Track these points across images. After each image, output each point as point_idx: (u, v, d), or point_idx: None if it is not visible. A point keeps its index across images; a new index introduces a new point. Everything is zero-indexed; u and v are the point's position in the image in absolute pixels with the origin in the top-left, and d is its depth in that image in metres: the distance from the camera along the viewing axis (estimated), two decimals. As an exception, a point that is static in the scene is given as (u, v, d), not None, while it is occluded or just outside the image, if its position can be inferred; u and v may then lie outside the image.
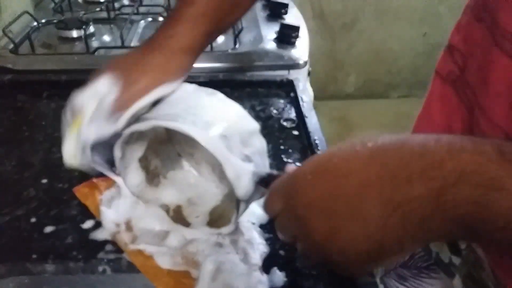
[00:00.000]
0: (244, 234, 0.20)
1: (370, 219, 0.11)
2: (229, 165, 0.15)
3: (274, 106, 0.31)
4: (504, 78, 0.15)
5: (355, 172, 0.11)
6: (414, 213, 0.10)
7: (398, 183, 0.11)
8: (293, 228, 0.13)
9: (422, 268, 0.23)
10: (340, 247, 0.11)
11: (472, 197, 0.10)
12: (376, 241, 0.11)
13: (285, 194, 0.13)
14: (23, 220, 0.22)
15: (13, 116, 0.30)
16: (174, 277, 0.19)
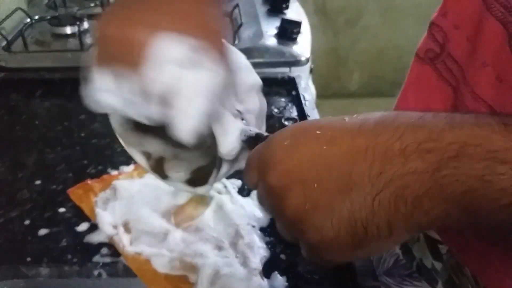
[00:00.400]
0: (244, 237, 0.20)
1: (356, 195, 0.09)
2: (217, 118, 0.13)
3: (275, 105, 0.31)
4: (492, 45, 0.14)
5: (341, 141, 0.10)
6: (408, 190, 0.09)
7: (390, 156, 0.09)
8: (268, 203, 0.11)
9: (404, 276, 0.23)
10: (317, 226, 0.10)
11: (474, 171, 0.09)
12: (361, 221, 0.09)
13: (260, 162, 0.11)
14: (16, 222, 0.21)
15: (6, 115, 0.30)
16: (172, 281, 0.18)
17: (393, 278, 0.24)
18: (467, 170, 0.09)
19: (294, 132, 0.11)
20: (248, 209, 0.22)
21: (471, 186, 0.09)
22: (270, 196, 0.11)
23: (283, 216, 0.11)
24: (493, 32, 0.14)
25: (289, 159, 0.10)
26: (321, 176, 0.10)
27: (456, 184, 0.09)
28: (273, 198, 0.11)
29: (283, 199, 0.10)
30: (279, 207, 0.11)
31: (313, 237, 0.10)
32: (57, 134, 0.27)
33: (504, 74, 0.14)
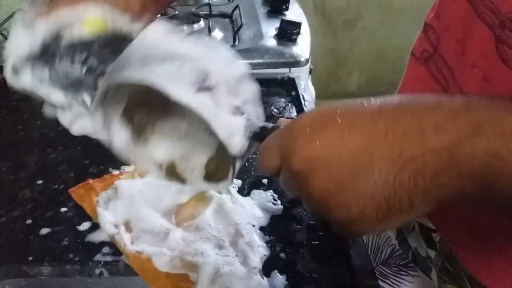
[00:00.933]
0: (244, 236, 0.20)
1: (379, 174, 0.10)
2: (218, 123, 0.13)
3: (274, 105, 0.31)
4: (480, 47, 0.15)
5: (361, 125, 0.10)
6: (427, 167, 0.10)
7: (410, 137, 0.10)
8: (293, 186, 0.12)
9: (401, 266, 0.23)
10: (344, 206, 0.11)
11: (491, 148, 0.09)
12: (384, 198, 0.10)
13: (281, 149, 0.12)
14: (18, 221, 0.21)
15: (7, 115, 0.30)
16: (172, 280, 0.18)
17: (389, 268, 0.24)
18: (483, 148, 0.09)
19: (315, 120, 0.11)
20: (248, 209, 0.22)
21: (486, 162, 0.09)
22: (295, 180, 0.11)
23: (310, 198, 0.11)
24: (481, 35, 0.15)
25: (312, 145, 0.11)
26: (344, 159, 0.10)
27: (472, 160, 0.09)
28: (299, 182, 0.11)
29: (309, 183, 0.11)
30: (305, 190, 0.11)
31: (340, 215, 0.11)
32: (58, 134, 0.28)
33: (490, 75, 0.14)
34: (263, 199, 0.23)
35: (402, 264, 0.23)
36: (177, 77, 0.13)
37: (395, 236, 0.24)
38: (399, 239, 0.24)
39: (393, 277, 0.24)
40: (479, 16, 0.15)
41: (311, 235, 0.21)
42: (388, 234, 0.24)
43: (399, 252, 0.24)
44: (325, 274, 0.19)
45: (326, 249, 0.20)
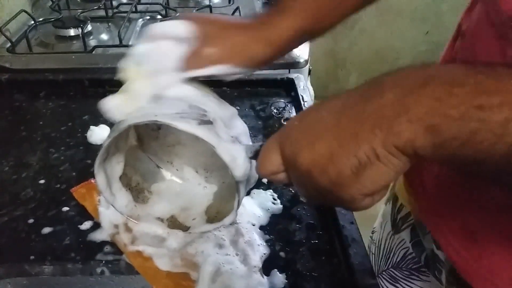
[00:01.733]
0: (244, 235, 0.20)
1: (344, 134, 0.11)
2: (222, 149, 0.15)
3: (274, 106, 0.31)
4: (488, 47, 0.15)
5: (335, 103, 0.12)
6: (382, 119, 0.11)
7: (368, 97, 0.11)
8: (292, 176, 0.13)
9: (413, 270, 0.23)
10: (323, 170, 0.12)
11: (433, 95, 0.10)
12: (354, 157, 0.11)
13: (279, 143, 0.13)
14: (20, 221, 0.21)
15: (10, 115, 0.30)
16: (173, 279, 0.19)
17: (401, 271, 0.24)
18: (430, 92, 0.10)
19: (301, 114, 0.13)
20: (248, 208, 0.22)
21: (432, 103, 0.10)
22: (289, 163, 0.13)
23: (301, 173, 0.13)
24: (488, 34, 0.15)
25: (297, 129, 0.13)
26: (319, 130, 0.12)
27: (419, 105, 0.10)
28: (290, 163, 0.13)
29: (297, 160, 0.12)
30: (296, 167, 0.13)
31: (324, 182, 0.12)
32: (60, 134, 0.28)
33: None
34: (263, 198, 0.23)
35: (414, 268, 0.23)
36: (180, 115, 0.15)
37: (409, 238, 0.23)
38: (413, 242, 0.23)
39: (403, 281, 0.24)
40: (487, 16, 0.15)
41: (311, 234, 0.21)
42: (402, 237, 0.24)
43: (412, 255, 0.23)
44: (324, 273, 0.19)
45: (325, 248, 0.20)
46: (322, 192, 0.12)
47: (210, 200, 0.20)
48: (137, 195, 0.20)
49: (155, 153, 0.21)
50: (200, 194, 0.20)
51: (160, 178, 0.21)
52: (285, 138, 0.13)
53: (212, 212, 0.19)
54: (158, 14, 0.44)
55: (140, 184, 0.20)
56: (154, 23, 0.17)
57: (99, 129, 0.27)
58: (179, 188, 0.20)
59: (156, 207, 0.20)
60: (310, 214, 0.22)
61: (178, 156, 0.20)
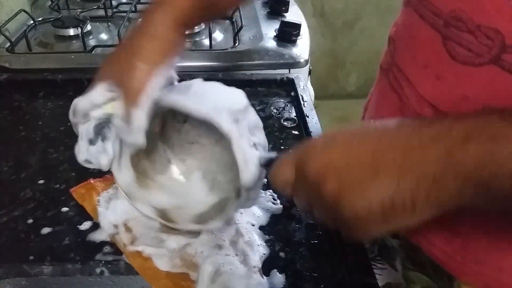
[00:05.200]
0: (243, 235, 0.20)
1: (384, 177, 0.12)
2: (238, 147, 0.15)
3: (274, 106, 0.31)
4: (429, 49, 0.16)
5: (368, 141, 0.12)
6: (427, 173, 0.11)
7: (410, 150, 0.12)
8: (306, 193, 0.14)
9: (369, 259, 0.24)
10: (352, 205, 0.12)
11: (479, 151, 0.11)
12: (388, 197, 0.12)
13: (297, 161, 0.14)
14: (20, 221, 0.21)
15: (9, 115, 0.30)
16: (173, 279, 0.19)
17: None
18: (473, 152, 0.11)
19: (325, 140, 0.14)
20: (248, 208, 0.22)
21: (477, 164, 0.11)
22: (308, 187, 0.13)
23: (322, 200, 0.13)
24: (428, 37, 0.16)
25: (324, 157, 0.13)
26: (353, 165, 0.12)
27: (465, 164, 0.11)
28: (312, 187, 0.13)
29: (321, 186, 0.13)
30: (318, 193, 0.13)
31: (348, 214, 0.12)
32: (60, 134, 0.28)
33: (441, 72, 0.16)
34: (263, 198, 0.23)
35: (370, 257, 0.24)
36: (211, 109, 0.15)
37: None
38: None
39: None
40: (424, 20, 0.16)
41: (310, 234, 0.21)
42: None
43: (367, 246, 0.24)
44: (324, 273, 0.19)
45: (325, 248, 0.20)
46: (337, 218, 0.13)
47: (207, 208, 0.20)
48: (140, 179, 0.20)
49: (172, 147, 0.20)
50: (199, 200, 0.20)
51: (168, 171, 0.20)
52: (304, 156, 0.13)
53: (204, 219, 0.19)
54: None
55: (147, 170, 0.20)
56: (77, 100, 0.17)
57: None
58: (182, 188, 0.20)
59: (153, 197, 0.20)
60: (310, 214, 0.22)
61: (193, 156, 0.20)
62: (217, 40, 0.40)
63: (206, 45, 0.39)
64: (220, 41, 0.40)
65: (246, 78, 0.33)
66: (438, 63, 0.15)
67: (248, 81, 0.33)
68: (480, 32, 0.13)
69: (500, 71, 0.13)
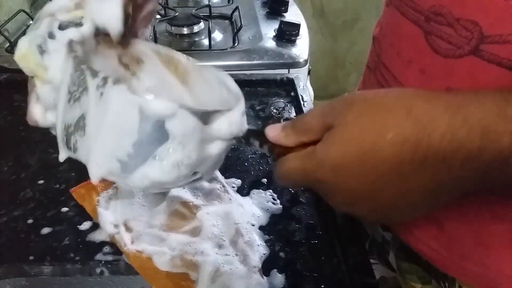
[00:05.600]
0: (243, 236, 0.20)
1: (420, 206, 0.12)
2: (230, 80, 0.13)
3: (274, 106, 0.31)
4: (412, 44, 0.16)
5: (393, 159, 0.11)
6: (459, 192, 0.11)
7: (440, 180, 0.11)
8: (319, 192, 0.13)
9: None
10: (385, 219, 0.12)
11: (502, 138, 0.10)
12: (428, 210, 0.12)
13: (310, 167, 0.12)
14: (20, 221, 0.21)
15: (9, 115, 0.30)
16: (173, 279, 0.19)
17: None
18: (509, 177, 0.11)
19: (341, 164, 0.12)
20: (247, 208, 0.22)
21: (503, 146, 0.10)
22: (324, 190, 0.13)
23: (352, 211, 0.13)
24: (411, 33, 0.16)
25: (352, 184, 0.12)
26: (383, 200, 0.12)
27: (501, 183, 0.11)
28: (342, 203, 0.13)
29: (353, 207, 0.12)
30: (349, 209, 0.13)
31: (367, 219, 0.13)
32: (59, 135, 0.28)
33: (425, 66, 0.16)
34: (263, 198, 0.23)
35: None
36: None
37: None
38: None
39: None
40: (406, 17, 0.16)
41: (310, 234, 0.21)
42: None
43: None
44: (324, 273, 0.19)
45: (325, 248, 0.20)
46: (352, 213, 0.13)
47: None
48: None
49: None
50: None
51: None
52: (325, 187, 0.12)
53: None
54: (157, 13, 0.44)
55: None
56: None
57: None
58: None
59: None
60: (310, 214, 0.22)
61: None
62: (217, 40, 0.40)
63: (205, 45, 0.39)
64: (219, 41, 0.40)
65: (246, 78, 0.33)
66: (422, 58, 0.15)
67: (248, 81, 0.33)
68: (459, 25, 0.13)
69: (480, 61, 0.13)
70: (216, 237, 0.20)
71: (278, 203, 0.23)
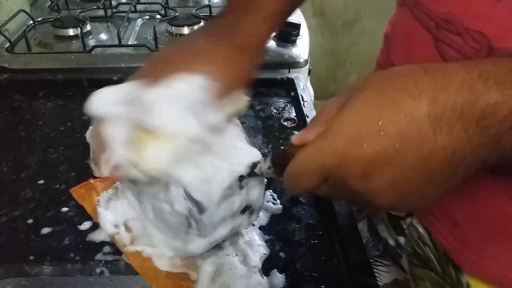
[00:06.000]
0: (243, 235, 0.20)
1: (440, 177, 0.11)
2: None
3: (274, 106, 0.31)
4: (421, 49, 0.16)
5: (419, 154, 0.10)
6: (477, 159, 0.11)
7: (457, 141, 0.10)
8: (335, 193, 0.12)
9: (375, 257, 0.24)
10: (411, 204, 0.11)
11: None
12: (444, 189, 0.11)
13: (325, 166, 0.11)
14: (20, 221, 0.21)
15: (9, 115, 0.30)
16: (173, 279, 0.19)
17: None
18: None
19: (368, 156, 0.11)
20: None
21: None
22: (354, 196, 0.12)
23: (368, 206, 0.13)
24: (422, 37, 0.16)
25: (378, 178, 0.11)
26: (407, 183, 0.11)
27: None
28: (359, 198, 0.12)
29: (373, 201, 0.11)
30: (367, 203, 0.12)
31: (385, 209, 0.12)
32: (59, 134, 0.28)
33: None
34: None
35: (376, 255, 0.24)
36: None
37: (367, 228, 0.24)
38: (370, 231, 0.24)
39: None
40: (418, 21, 0.16)
41: (310, 234, 0.21)
42: (360, 227, 0.24)
43: (372, 243, 0.24)
44: (324, 273, 0.19)
45: (325, 248, 0.20)
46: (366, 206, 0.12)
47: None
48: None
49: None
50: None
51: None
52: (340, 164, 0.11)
53: None
54: (158, 13, 0.44)
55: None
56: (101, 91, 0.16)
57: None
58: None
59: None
60: (310, 214, 0.22)
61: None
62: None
63: (206, 45, 0.39)
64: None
65: (246, 78, 0.33)
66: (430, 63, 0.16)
67: (248, 81, 0.33)
68: (468, 35, 0.14)
69: None
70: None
71: (278, 203, 0.23)
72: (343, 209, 0.21)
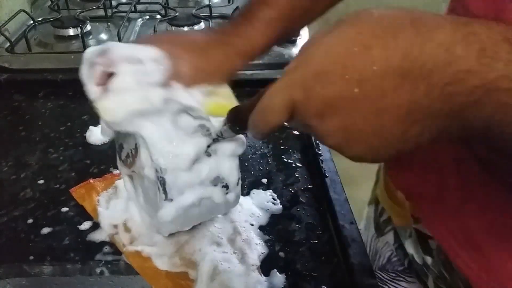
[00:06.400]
0: (241, 234, 0.20)
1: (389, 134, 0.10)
2: None
3: (274, 105, 0.31)
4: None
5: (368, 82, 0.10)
6: (433, 126, 0.10)
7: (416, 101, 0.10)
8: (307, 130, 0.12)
9: (398, 271, 0.23)
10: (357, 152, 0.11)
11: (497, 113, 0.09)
12: (393, 148, 0.11)
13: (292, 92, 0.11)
14: (20, 221, 0.21)
15: (9, 115, 0.30)
16: (172, 278, 0.19)
17: (387, 274, 0.24)
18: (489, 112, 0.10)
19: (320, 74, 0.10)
20: (246, 207, 0.22)
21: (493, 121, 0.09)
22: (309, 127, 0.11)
23: (325, 142, 0.12)
24: None
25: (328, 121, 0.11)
26: (359, 122, 0.11)
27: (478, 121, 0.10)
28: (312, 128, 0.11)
29: (323, 136, 0.11)
30: (320, 136, 0.11)
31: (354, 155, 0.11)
32: (59, 134, 0.28)
33: None
34: (263, 198, 0.23)
35: (399, 270, 0.23)
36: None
37: (393, 241, 0.24)
38: (396, 245, 0.24)
39: (390, 283, 0.24)
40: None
41: (310, 234, 0.21)
42: (387, 239, 0.24)
43: (397, 257, 0.23)
44: (324, 273, 0.19)
45: (325, 248, 0.20)
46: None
47: None
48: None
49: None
50: None
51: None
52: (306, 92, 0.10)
53: None
54: (158, 13, 0.44)
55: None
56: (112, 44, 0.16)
57: (98, 130, 0.27)
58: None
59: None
60: (310, 214, 0.22)
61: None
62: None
63: (206, 45, 0.39)
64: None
65: (246, 78, 0.33)
66: None
67: (248, 81, 0.33)
68: None
69: None
70: (213, 235, 0.20)
71: (278, 203, 0.23)
72: (343, 209, 0.21)
